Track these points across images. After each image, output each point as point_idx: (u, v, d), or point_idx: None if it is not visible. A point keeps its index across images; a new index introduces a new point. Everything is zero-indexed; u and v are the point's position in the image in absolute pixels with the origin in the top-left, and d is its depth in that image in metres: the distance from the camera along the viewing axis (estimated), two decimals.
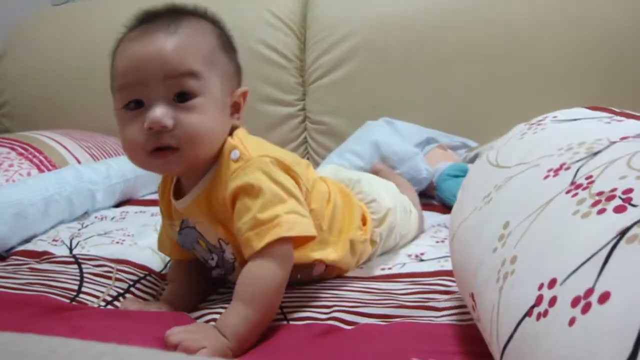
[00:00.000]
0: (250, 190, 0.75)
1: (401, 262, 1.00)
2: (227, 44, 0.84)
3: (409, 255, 1.03)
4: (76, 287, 0.95)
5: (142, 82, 0.75)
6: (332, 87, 1.78)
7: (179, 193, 0.87)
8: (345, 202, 0.97)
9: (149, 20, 0.80)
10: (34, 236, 1.25)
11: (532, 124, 0.69)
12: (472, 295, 0.56)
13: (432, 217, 1.32)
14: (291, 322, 0.76)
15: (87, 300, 0.91)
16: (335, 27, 1.78)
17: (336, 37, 1.77)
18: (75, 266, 1.03)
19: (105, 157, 1.65)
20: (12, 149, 1.49)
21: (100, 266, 1.02)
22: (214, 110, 0.77)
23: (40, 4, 2.32)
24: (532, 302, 0.43)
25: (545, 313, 0.41)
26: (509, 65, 1.68)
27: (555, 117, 0.68)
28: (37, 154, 1.50)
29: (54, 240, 1.21)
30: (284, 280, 0.75)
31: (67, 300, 0.90)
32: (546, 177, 0.53)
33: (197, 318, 0.81)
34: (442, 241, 1.08)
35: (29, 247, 1.19)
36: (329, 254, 0.89)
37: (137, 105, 0.76)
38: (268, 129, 1.80)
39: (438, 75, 1.72)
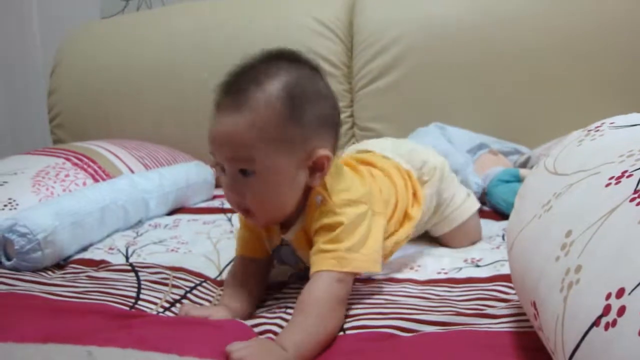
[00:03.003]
0: (325, 229, 0.85)
1: (457, 267, 1.00)
2: (300, 106, 0.82)
3: (465, 260, 1.02)
4: (134, 295, 0.97)
5: (215, 154, 0.84)
6: (380, 93, 1.78)
7: (283, 226, 0.94)
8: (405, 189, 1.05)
9: (222, 95, 0.83)
10: (91, 245, 1.28)
11: (590, 130, 0.69)
12: (534, 304, 0.56)
13: (485, 226, 1.28)
14: (348, 332, 0.77)
15: (146, 307, 0.93)
16: (382, 33, 1.78)
17: (383, 43, 1.77)
18: (132, 274, 1.06)
19: (158, 166, 1.68)
20: (67, 159, 1.53)
21: (156, 273, 1.04)
22: (278, 182, 0.83)
23: (90, 17, 2.39)
24: (599, 312, 0.43)
25: (614, 323, 0.41)
26: (559, 68, 1.66)
27: (612, 123, 0.67)
28: (91, 163, 1.54)
29: (110, 248, 1.24)
30: (341, 299, 0.81)
31: (127, 308, 0.92)
32: (608, 184, 0.53)
33: (254, 326, 0.82)
34: (498, 247, 1.08)
35: (86, 255, 1.23)
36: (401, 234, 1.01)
37: (221, 169, 0.85)
38: None
39: (487, 79, 1.71)
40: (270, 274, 1.02)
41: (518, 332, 0.70)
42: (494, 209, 1.41)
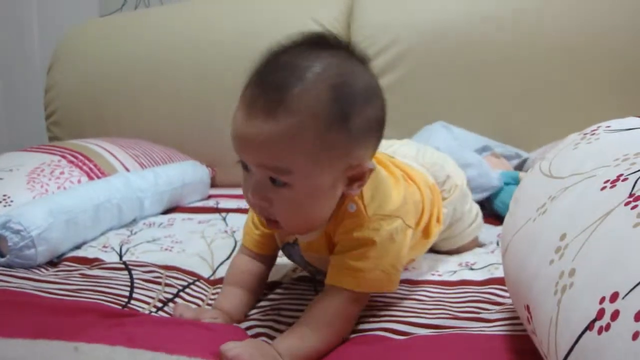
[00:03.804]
0: (354, 241, 0.77)
1: (452, 270, 1.00)
2: (348, 110, 0.69)
3: (460, 264, 1.02)
4: (127, 294, 0.97)
5: (242, 155, 0.73)
6: None
7: None
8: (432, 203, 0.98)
9: (256, 92, 0.69)
10: (85, 242, 1.28)
11: (586, 133, 0.68)
12: (527, 308, 0.56)
13: (485, 230, 1.28)
14: None
15: (138, 306, 0.93)
16: (379, 35, 1.78)
17: (380, 46, 1.77)
18: (126, 272, 1.06)
19: (153, 165, 1.68)
20: (63, 156, 1.52)
21: (149, 272, 1.04)
22: (312, 195, 0.73)
23: (89, 15, 2.38)
24: (593, 316, 0.43)
25: (608, 327, 0.41)
26: (557, 72, 1.66)
27: (608, 126, 0.67)
28: (87, 161, 1.54)
29: (104, 246, 1.24)
30: (353, 317, 0.77)
31: (119, 307, 0.91)
32: (603, 188, 0.53)
33: (246, 329, 0.81)
34: (492, 252, 1.08)
35: (79, 253, 1.22)
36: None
37: (246, 167, 0.75)
38: None
39: (485, 82, 1.71)
40: None
41: (512, 336, 0.69)
42: (492, 211, 1.40)
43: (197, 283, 1.02)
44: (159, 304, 0.94)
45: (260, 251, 0.95)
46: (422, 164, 1.06)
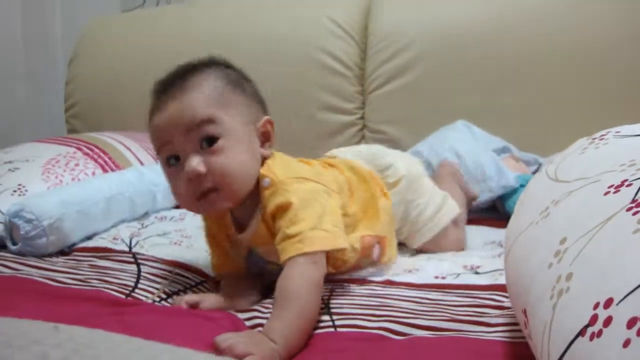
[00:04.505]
0: (281, 209, 0.85)
1: (455, 273, 0.99)
2: (237, 82, 0.91)
3: (465, 267, 1.01)
4: (132, 284, 0.98)
5: (172, 140, 0.85)
6: (392, 96, 1.76)
7: (240, 228, 0.94)
8: (361, 181, 1.06)
9: (162, 90, 0.89)
10: (96, 234, 1.29)
11: (594, 138, 0.67)
12: (524, 312, 0.55)
13: (491, 234, 1.28)
14: (339, 330, 0.76)
15: (142, 295, 0.94)
16: (397, 35, 1.77)
17: (397, 46, 1.76)
18: (134, 265, 1.07)
19: None
20: (79, 148, 1.54)
21: (158, 268, 1.05)
22: (240, 147, 0.86)
23: (110, 10, 2.40)
24: (586, 322, 0.42)
25: (600, 333, 0.40)
26: (575, 75, 1.64)
27: (618, 132, 0.66)
28: (102, 154, 1.56)
29: (114, 238, 1.25)
30: (316, 282, 0.80)
31: (123, 296, 0.92)
32: (606, 193, 0.52)
33: (247, 320, 0.82)
34: (499, 255, 1.07)
35: (90, 243, 1.24)
36: (366, 229, 0.99)
37: (176, 161, 0.86)
38: (326, 137, 1.80)
39: (500, 85, 1.69)
40: None
41: (511, 342, 0.69)
42: (507, 214, 1.39)
43: (204, 284, 1.02)
44: (163, 295, 0.95)
45: (232, 270, 1.00)
46: (359, 156, 1.15)
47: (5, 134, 2.21)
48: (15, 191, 1.32)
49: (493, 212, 1.45)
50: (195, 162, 0.83)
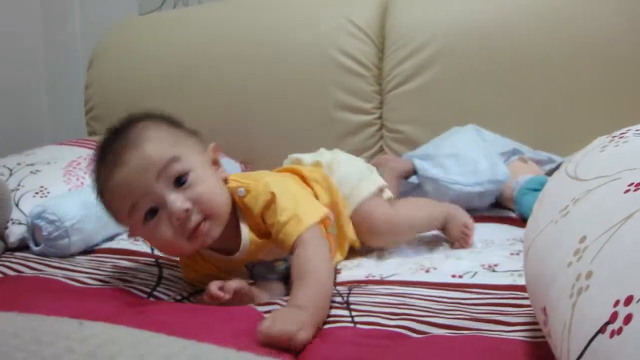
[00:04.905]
0: (268, 205, 0.92)
1: (472, 271, 0.98)
2: (175, 123, 0.96)
3: (482, 265, 1.01)
4: (154, 284, 0.99)
5: (149, 190, 0.86)
6: (410, 95, 1.76)
7: (225, 252, 0.98)
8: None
9: (111, 149, 0.89)
10: (117, 234, 1.30)
11: (614, 136, 0.67)
12: (544, 310, 0.55)
13: (510, 231, 1.29)
14: (358, 326, 0.77)
15: (164, 293, 0.95)
16: (414, 35, 1.76)
17: (414, 46, 1.75)
18: (155, 267, 1.08)
19: None
20: None
21: (179, 271, 1.06)
22: (207, 175, 0.91)
23: (128, 13, 2.42)
24: (606, 319, 0.42)
25: (620, 330, 0.40)
26: (595, 74, 1.63)
27: (638, 130, 0.66)
28: None
29: (135, 240, 1.26)
30: (326, 254, 0.88)
31: (145, 295, 0.94)
32: (627, 191, 0.51)
33: (267, 312, 0.83)
34: (517, 253, 1.06)
35: (112, 245, 1.26)
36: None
37: (153, 214, 0.87)
38: (343, 137, 1.81)
39: (518, 84, 1.68)
40: None
41: (531, 342, 0.68)
42: (522, 218, 1.39)
43: None
44: (185, 294, 0.96)
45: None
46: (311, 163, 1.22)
47: (27, 137, 2.24)
48: (37, 193, 1.34)
49: (504, 210, 1.48)
50: (180, 201, 0.85)
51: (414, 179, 1.54)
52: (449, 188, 1.44)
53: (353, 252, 1.16)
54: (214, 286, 0.86)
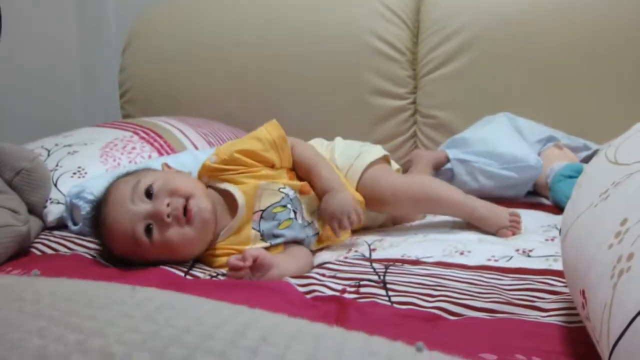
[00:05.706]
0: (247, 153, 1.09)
1: (508, 255, 0.98)
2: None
3: (517, 250, 1.00)
4: (189, 264, 1.01)
5: (132, 216, 0.97)
6: (444, 80, 1.75)
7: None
8: None
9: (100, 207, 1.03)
10: None
11: None
12: (582, 292, 0.55)
13: (544, 218, 1.28)
14: (395, 306, 0.78)
15: (200, 270, 0.97)
16: (449, 20, 1.75)
17: (449, 30, 1.74)
18: None
19: (220, 144, 1.71)
20: (135, 132, 1.58)
21: None
22: (167, 176, 1.05)
23: None
24: None
25: None
26: (630, 60, 1.60)
27: None
28: (157, 138, 1.59)
29: None
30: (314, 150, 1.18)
31: (182, 274, 0.95)
32: None
33: (301, 286, 0.86)
34: (552, 239, 1.05)
35: None
36: None
37: (150, 231, 0.96)
38: (377, 122, 1.81)
39: (552, 70, 1.66)
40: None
41: (567, 327, 0.68)
42: (556, 205, 1.37)
43: None
44: (218, 271, 0.98)
45: None
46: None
47: (64, 120, 2.27)
48: (75, 173, 1.36)
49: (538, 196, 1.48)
50: (159, 202, 0.96)
51: (447, 166, 1.53)
52: (482, 170, 1.43)
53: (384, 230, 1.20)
54: (233, 258, 0.90)
